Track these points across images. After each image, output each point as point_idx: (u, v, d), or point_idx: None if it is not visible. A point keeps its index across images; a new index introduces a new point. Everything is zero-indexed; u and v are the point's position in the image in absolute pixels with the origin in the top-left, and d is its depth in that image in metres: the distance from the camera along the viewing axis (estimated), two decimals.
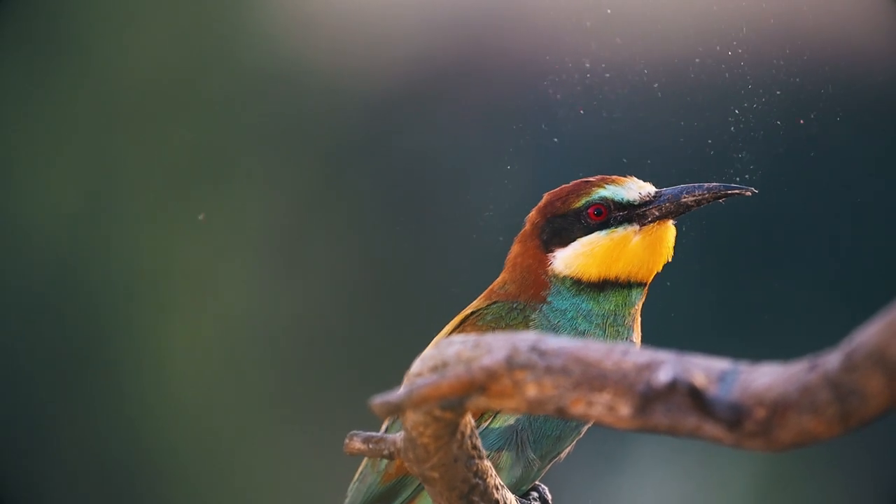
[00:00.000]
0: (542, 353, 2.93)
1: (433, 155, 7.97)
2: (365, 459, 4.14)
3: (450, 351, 3.07)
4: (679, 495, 7.75)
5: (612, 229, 4.19)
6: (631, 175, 4.24)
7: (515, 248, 4.30)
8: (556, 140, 7.73)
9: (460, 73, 7.93)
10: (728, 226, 7.73)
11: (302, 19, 7.93)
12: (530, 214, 4.31)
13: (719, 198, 4.20)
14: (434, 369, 3.10)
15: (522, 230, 4.31)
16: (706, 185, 4.20)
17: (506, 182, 7.78)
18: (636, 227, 4.19)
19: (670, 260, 4.25)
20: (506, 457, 4.05)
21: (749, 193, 4.20)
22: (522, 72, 7.81)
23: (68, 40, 7.83)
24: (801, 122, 7.00)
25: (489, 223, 7.76)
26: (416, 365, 3.22)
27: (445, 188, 8.01)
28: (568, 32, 7.64)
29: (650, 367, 2.80)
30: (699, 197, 4.19)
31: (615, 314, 4.17)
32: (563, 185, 4.27)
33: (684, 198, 4.18)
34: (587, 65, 7.58)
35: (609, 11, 7.29)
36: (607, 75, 7.59)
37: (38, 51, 7.85)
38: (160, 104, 7.92)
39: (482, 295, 4.32)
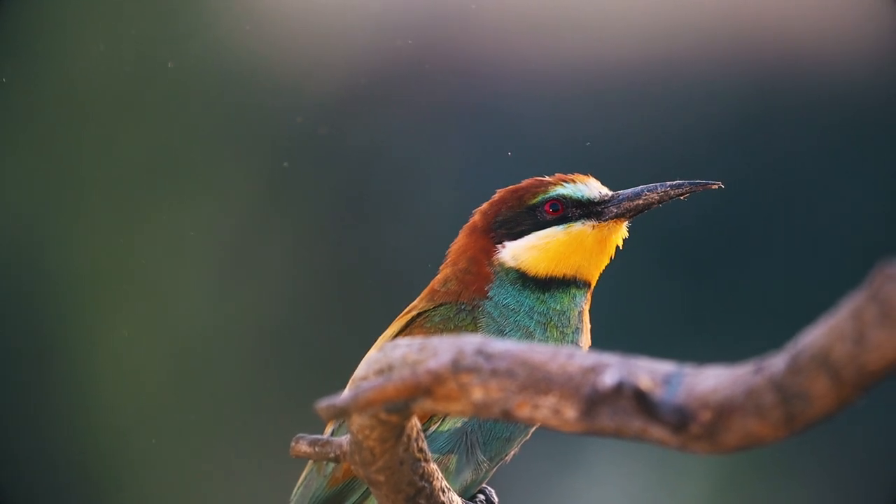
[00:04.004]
0: (487, 357, 2.92)
1: (385, 154, 7.96)
2: (309, 464, 4.11)
3: (395, 354, 3.06)
4: (629, 497, 7.76)
5: (569, 224, 4.10)
6: (589, 174, 4.16)
7: (461, 240, 4.19)
8: (507, 138, 7.73)
9: (411, 72, 7.93)
10: (686, 227, 7.75)
11: (253, 20, 7.91)
12: (481, 207, 4.19)
13: (682, 194, 4.11)
14: (380, 372, 3.08)
15: (470, 222, 4.20)
16: (669, 182, 4.12)
17: (457, 180, 7.78)
18: (594, 222, 4.11)
19: (611, 261, 4.19)
20: (455, 460, 4.01)
21: (715, 187, 4.11)
22: (473, 70, 7.81)
23: (22, 41, 7.78)
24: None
25: (441, 222, 7.75)
26: (362, 368, 3.20)
27: (397, 187, 8.00)
28: (519, 32, 7.64)
29: (596, 369, 2.80)
30: (661, 194, 4.10)
31: (559, 313, 4.08)
32: (519, 183, 4.16)
33: (645, 196, 4.10)
34: (539, 64, 7.59)
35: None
36: (560, 75, 7.60)
37: None
38: (112, 106, 7.88)
39: (423, 294, 4.21)
